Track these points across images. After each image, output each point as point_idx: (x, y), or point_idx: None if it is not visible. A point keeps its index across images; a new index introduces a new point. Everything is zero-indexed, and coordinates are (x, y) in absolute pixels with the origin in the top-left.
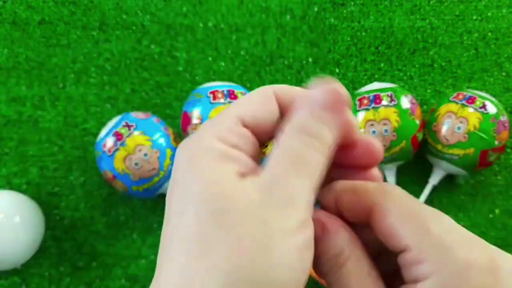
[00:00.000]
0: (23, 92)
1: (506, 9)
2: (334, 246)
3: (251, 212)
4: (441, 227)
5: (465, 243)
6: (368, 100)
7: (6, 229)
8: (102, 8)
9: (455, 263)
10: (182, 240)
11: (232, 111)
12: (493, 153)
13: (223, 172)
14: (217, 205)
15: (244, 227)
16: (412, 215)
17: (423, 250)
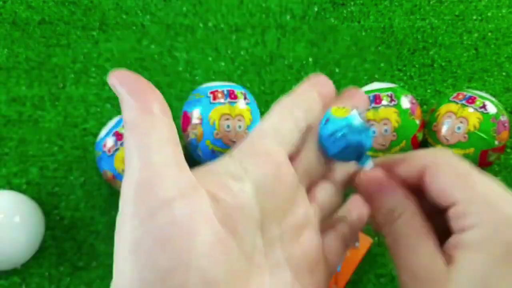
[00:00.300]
0: (23, 92)
1: (506, 9)
2: (388, 202)
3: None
4: (488, 187)
5: (509, 200)
6: (368, 100)
7: (6, 229)
8: (102, 8)
9: (497, 216)
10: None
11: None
12: (493, 153)
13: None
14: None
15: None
16: (461, 175)
17: (470, 204)
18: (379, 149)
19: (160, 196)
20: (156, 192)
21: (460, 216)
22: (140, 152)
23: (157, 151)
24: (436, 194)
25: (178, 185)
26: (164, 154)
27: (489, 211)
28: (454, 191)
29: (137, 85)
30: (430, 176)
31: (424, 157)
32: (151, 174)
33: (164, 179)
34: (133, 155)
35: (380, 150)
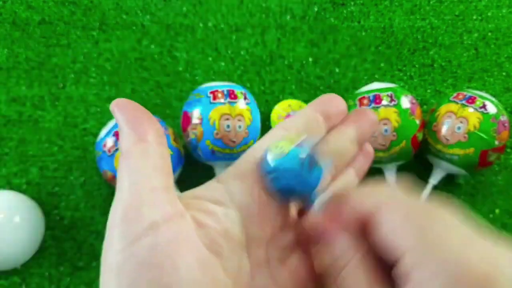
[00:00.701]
0: (23, 92)
1: (506, 9)
2: (336, 249)
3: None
4: (439, 230)
5: (466, 247)
6: (368, 100)
7: (6, 229)
8: (102, 8)
9: (454, 270)
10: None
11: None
12: (493, 153)
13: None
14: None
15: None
16: (409, 217)
17: (413, 260)
18: (379, 149)
19: (145, 220)
20: (142, 216)
21: (402, 275)
22: (130, 178)
23: (146, 177)
24: (383, 244)
25: (164, 210)
26: (153, 181)
27: (444, 264)
28: (402, 244)
29: (135, 114)
30: (378, 224)
31: (370, 201)
32: (138, 199)
33: (151, 204)
34: (123, 180)
35: (381, 150)
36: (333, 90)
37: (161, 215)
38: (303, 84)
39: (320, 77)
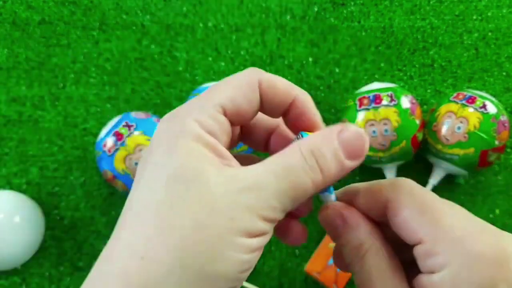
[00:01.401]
0: (23, 92)
1: (506, 9)
2: (354, 238)
3: (216, 206)
4: (453, 219)
5: (476, 234)
6: (368, 100)
7: (6, 229)
8: (102, 8)
9: (467, 255)
10: (148, 208)
11: (215, 97)
12: (493, 153)
13: (198, 159)
14: (190, 192)
15: (210, 216)
16: (425, 208)
17: (437, 243)
18: (379, 149)
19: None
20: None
21: (427, 255)
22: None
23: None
24: (400, 231)
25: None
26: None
27: (457, 251)
28: (419, 228)
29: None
30: (393, 212)
31: (386, 190)
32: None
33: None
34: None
35: (380, 150)
36: (333, 90)
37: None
38: (303, 84)
39: (320, 77)
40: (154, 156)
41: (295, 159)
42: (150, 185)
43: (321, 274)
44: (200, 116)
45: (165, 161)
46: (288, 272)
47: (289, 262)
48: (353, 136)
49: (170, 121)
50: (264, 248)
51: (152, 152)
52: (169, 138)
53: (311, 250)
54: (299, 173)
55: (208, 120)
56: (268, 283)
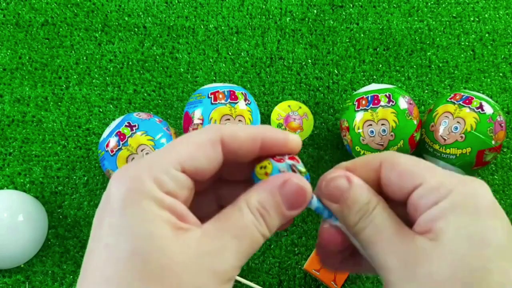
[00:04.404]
0: (26, 92)
1: (503, 11)
2: (364, 195)
3: (182, 277)
4: (443, 170)
5: (467, 177)
6: (366, 100)
7: (10, 228)
8: (105, 10)
9: (465, 188)
10: (105, 286)
11: (173, 154)
12: (489, 153)
13: (158, 225)
14: (150, 265)
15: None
16: (417, 161)
17: (436, 180)
18: (377, 148)
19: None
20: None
21: (430, 192)
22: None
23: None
24: (399, 181)
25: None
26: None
27: (455, 184)
28: (418, 173)
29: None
30: (389, 167)
31: (378, 156)
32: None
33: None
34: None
35: (378, 150)
36: (332, 91)
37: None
38: (303, 85)
39: (319, 78)
40: (113, 219)
41: (247, 218)
42: (109, 256)
43: (320, 271)
44: (158, 175)
45: (123, 231)
46: (287, 270)
47: (288, 260)
48: (294, 191)
49: (126, 182)
50: (264, 245)
51: (108, 215)
52: (127, 202)
53: (310, 248)
54: (253, 231)
55: (166, 179)
56: (268, 280)
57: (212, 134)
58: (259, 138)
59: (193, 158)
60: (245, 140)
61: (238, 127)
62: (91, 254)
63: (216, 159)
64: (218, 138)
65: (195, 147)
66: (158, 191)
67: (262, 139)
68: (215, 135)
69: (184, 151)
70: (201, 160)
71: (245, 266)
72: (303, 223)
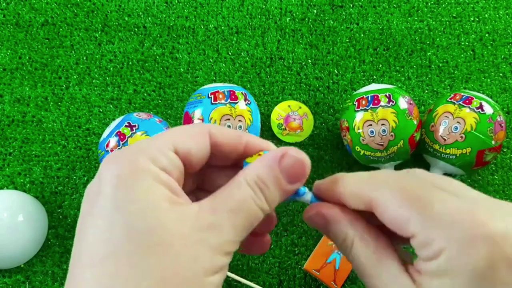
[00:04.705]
0: (26, 92)
1: (503, 11)
2: (338, 232)
3: (179, 249)
4: (441, 203)
5: (467, 215)
6: (366, 100)
7: (10, 228)
8: (105, 10)
9: (461, 239)
10: (103, 264)
11: (167, 136)
12: (489, 153)
13: (155, 198)
14: (148, 237)
15: (175, 261)
16: (410, 200)
17: (429, 233)
18: (377, 148)
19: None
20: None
21: (422, 246)
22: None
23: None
24: (392, 228)
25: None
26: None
27: (450, 236)
28: (408, 223)
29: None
30: (379, 212)
31: (367, 190)
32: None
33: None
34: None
35: (378, 149)
36: (332, 91)
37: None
38: (303, 85)
39: (319, 78)
40: (108, 195)
41: (244, 192)
42: (105, 234)
43: (320, 271)
44: (152, 153)
45: (120, 204)
46: (287, 270)
47: (288, 260)
48: (294, 162)
49: (118, 161)
50: None
51: (102, 194)
52: (123, 178)
53: (310, 248)
54: (251, 205)
55: (161, 157)
56: (268, 280)
57: (201, 126)
58: (244, 139)
59: (185, 142)
60: (230, 135)
61: (224, 127)
62: (83, 235)
63: (205, 147)
64: (207, 131)
65: (186, 134)
66: (153, 166)
67: (247, 142)
68: (203, 128)
69: (176, 135)
70: (192, 145)
71: (245, 266)
72: (303, 223)
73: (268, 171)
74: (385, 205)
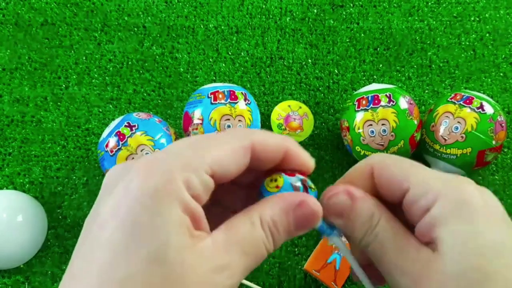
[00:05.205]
0: (26, 92)
1: (504, 10)
2: (366, 210)
3: (194, 284)
4: (432, 171)
5: (451, 176)
6: (366, 100)
7: (9, 228)
8: (104, 9)
9: (453, 193)
10: (120, 285)
11: (207, 151)
12: (490, 153)
13: (177, 232)
14: (169, 272)
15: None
16: (406, 164)
17: (424, 182)
18: (378, 148)
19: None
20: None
21: (418, 197)
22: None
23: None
24: (388, 185)
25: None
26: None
27: (443, 185)
28: (405, 177)
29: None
30: (379, 173)
31: (368, 162)
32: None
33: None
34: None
35: (379, 150)
36: (332, 91)
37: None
38: (303, 85)
39: (319, 78)
40: (124, 218)
41: (258, 235)
42: (123, 253)
43: (321, 272)
44: (189, 176)
45: (143, 229)
46: (287, 270)
47: (288, 260)
48: (308, 214)
49: (155, 175)
50: None
51: (122, 206)
52: (153, 195)
53: (310, 249)
54: (261, 248)
55: (196, 180)
56: (268, 281)
57: (245, 140)
58: (284, 149)
59: (225, 163)
60: (274, 149)
61: (267, 135)
62: (87, 247)
63: (244, 165)
64: (250, 145)
65: (228, 152)
66: (186, 194)
67: (286, 151)
68: (247, 142)
69: (217, 154)
70: (231, 166)
71: None
72: None
73: (283, 218)
74: (385, 165)
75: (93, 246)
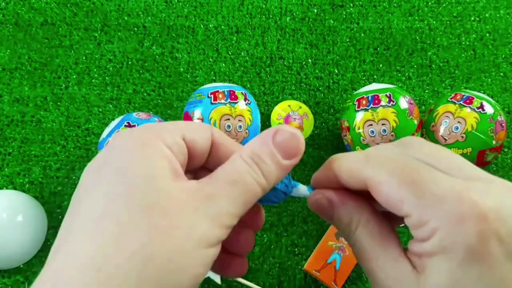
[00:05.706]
0: (26, 92)
1: (504, 10)
2: (344, 216)
3: (177, 215)
4: (435, 182)
5: (460, 193)
6: (366, 100)
7: (9, 228)
8: (104, 9)
9: (452, 218)
10: (107, 215)
11: (176, 124)
12: (490, 153)
13: (158, 168)
14: (149, 199)
15: (171, 225)
16: (403, 178)
17: (422, 213)
18: None
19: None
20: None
21: (416, 227)
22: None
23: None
24: (387, 207)
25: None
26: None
27: (442, 216)
28: (401, 204)
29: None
30: (374, 192)
31: (362, 169)
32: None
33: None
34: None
35: None
36: (332, 91)
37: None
38: (303, 85)
39: (319, 77)
40: (116, 161)
41: (240, 166)
42: (109, 192)
43: (320, 272)
44: (163, 134)
45: (126, 169)
46: (287, 270)
47: (288, 261)
48: (287, 138)
49: (131, 135)
50: (264, 246)
51: (109, 161)
52: (130, 149)
53: (310, 249)
54: (247, 177)
55: (169, 139)
56: (268, 281)
57: (204, 124)
58: (237, 148)
59: (191, 131)
60: (228, 139)
61: (224, 134)
62: (85, 197)
63: (207, 141)
64: (210, 128)
65: (193, 126)
66: (161, 143)
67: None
68: (207, 125)
69: (184, 125)
70: (197, 137)
71: None
72: (303, 223)
73: (262, 146)
74: (380, 184)
75: (87, 194)
